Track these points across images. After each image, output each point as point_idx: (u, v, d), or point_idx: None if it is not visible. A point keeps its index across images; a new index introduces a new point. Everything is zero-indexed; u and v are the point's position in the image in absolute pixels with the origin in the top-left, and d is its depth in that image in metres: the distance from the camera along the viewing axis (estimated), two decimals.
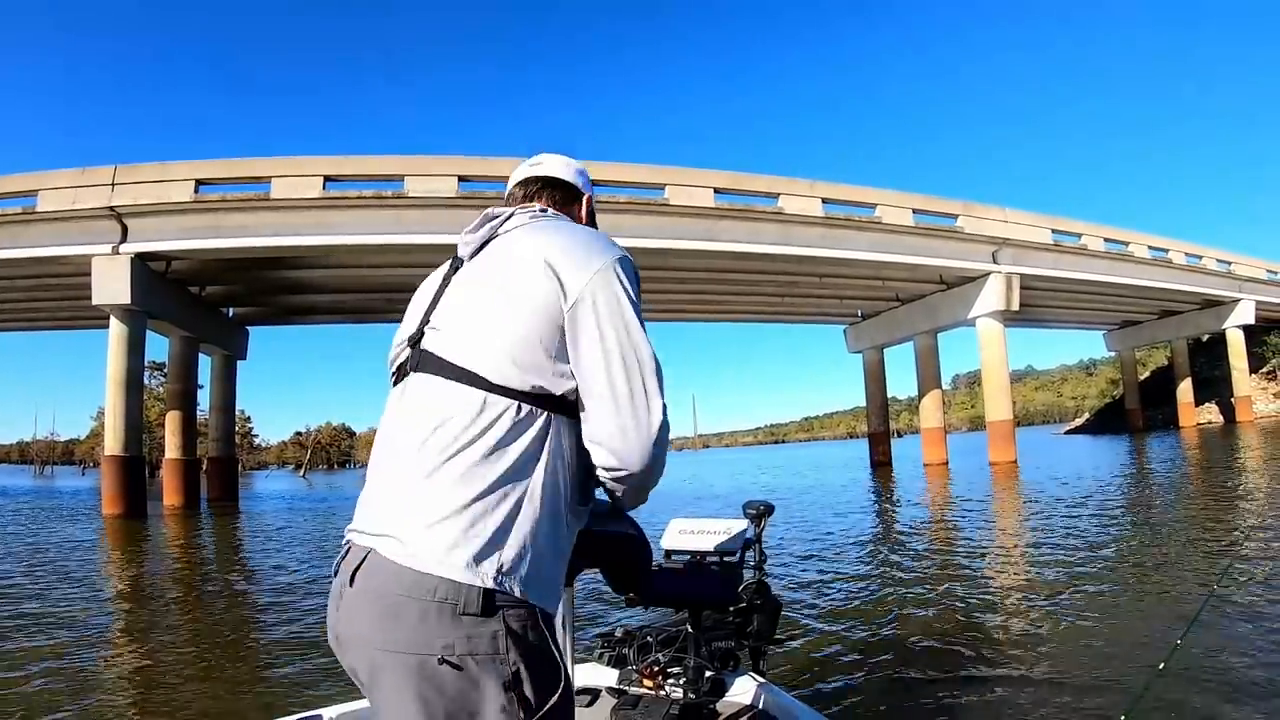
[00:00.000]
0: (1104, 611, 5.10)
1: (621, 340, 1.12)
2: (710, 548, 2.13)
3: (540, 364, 1.10)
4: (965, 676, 3.97)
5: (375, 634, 1.03)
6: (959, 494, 15.72)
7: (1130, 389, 46.31)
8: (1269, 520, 8.68)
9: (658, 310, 30.49)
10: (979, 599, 5.82)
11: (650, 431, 1.12)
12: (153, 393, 41.00)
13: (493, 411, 1.08)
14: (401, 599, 1.02)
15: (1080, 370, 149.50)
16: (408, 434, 1.11)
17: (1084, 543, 7.99)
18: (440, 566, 1.01)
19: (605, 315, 1.12)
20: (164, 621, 6.68)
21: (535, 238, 1.19)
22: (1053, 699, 3.57)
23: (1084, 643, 4.42)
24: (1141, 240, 31.33)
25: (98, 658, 5.30)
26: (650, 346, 1.15)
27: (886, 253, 23.57)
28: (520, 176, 1.43)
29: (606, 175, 20.29)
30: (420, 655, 1.00)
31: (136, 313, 19.67)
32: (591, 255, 1.15)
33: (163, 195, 18.90)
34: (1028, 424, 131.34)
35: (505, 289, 1.13)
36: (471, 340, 1.12)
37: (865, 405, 32.79)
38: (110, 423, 19.87)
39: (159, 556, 11.79)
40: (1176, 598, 5.41)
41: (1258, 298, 37.89)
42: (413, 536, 1.04)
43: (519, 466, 1.07)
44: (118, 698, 4.34)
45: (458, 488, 1.04)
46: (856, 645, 4.66)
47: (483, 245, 1.25)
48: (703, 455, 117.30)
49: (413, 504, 1.06)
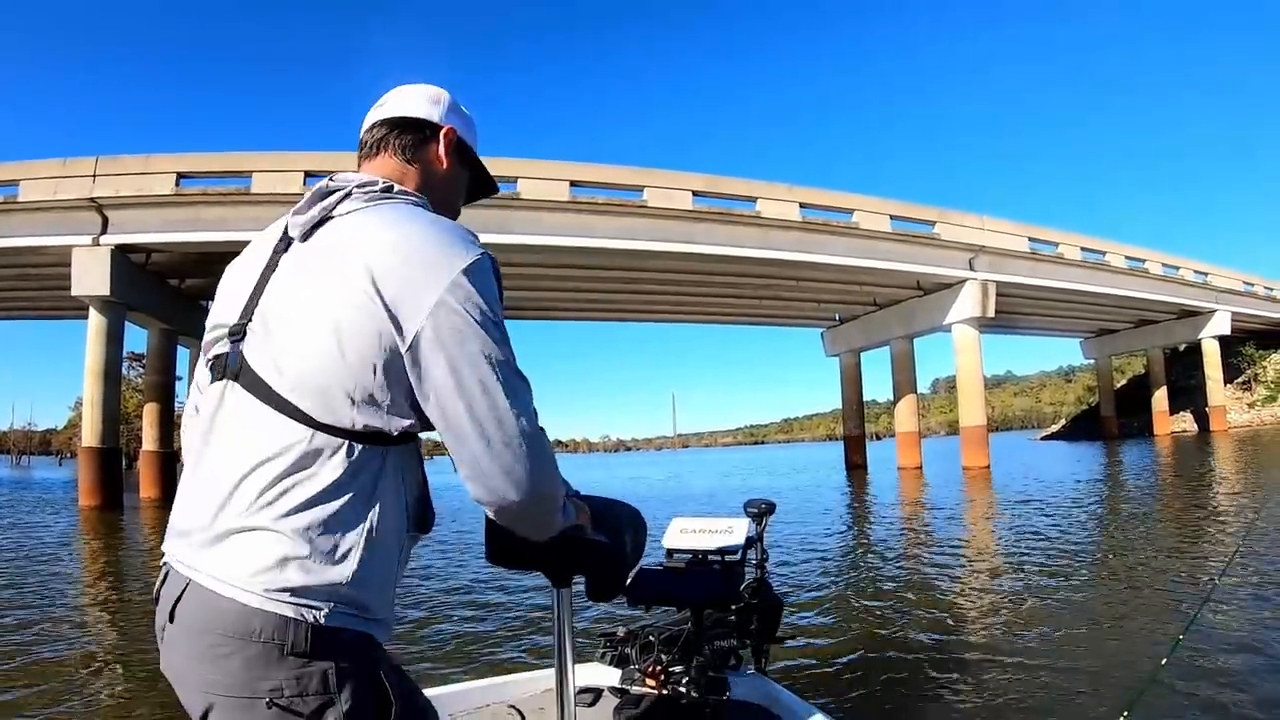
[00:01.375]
0: (1102, 612, 5.19)
1: (475, 370, 0.98)
2: (712, 547, 2.15)
3: (375, 400, 0.99)
4: (965, 674, 4.01)
5: (200, 676, 0.95)
6: (936, 498, 15.96)
7: (1106, 396, 46.92)
8: (1235, 528, 8.88)
9: (635, 311, 30.66)
10: (977, 599, 5.91)
11: (514, 453, 0.99)
12: (131, 384, 40.65)
13: (322, 452, 0.98)
14: (224, 639, 0.94)
15: (1059, 377, 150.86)
16: (226, 461, 1.00)
17: (1063, 545, 8.23)
18: (267, 603, 0.93)
19: (452, 349, 0.97)
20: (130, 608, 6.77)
21: (367, 239, 1.01)
22: (1052, 696, 3.62)
23: (1082, 642, 4.47)
24: (1119, 250, 31.73)
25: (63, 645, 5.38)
26: (506, 359, 1.01)
27: (863, 258, 23.79)
28: (366, 123, 1.24)
29: (586, 176, 20.51)
30: (247, 699, 0.93)
31: (116, 304, 19.67)
32: (429, 273, 0.98)
33: (144, 187, 18.93)
34: (1006, 429, 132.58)
35: (334, 309, 0.98)
36: (298, 366, 0.99)
37: (841, 409, 33.11)
38: (88, 414, 19.86)
39: (131, 547, 11.88)
40: (1161, 607, 5.42)
41: (1233, 309, 38.48)
42: (234, 573, 0.95)
43: (351, 505, 0.98)
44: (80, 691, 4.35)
45: (282, 523, 0.95)
46: (858, 643, 4.68)
47: (315, 227, 1.07)
48: (682, 455, 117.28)
49: (234, 539, 0.96)
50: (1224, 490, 13.55)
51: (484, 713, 1.92)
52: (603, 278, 24.68)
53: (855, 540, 10.03)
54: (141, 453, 23.79)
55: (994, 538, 9.29)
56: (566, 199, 20.01)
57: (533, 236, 19.72)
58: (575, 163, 20.58)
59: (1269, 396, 44.23)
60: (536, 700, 1.95)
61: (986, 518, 11.78)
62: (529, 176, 19.44)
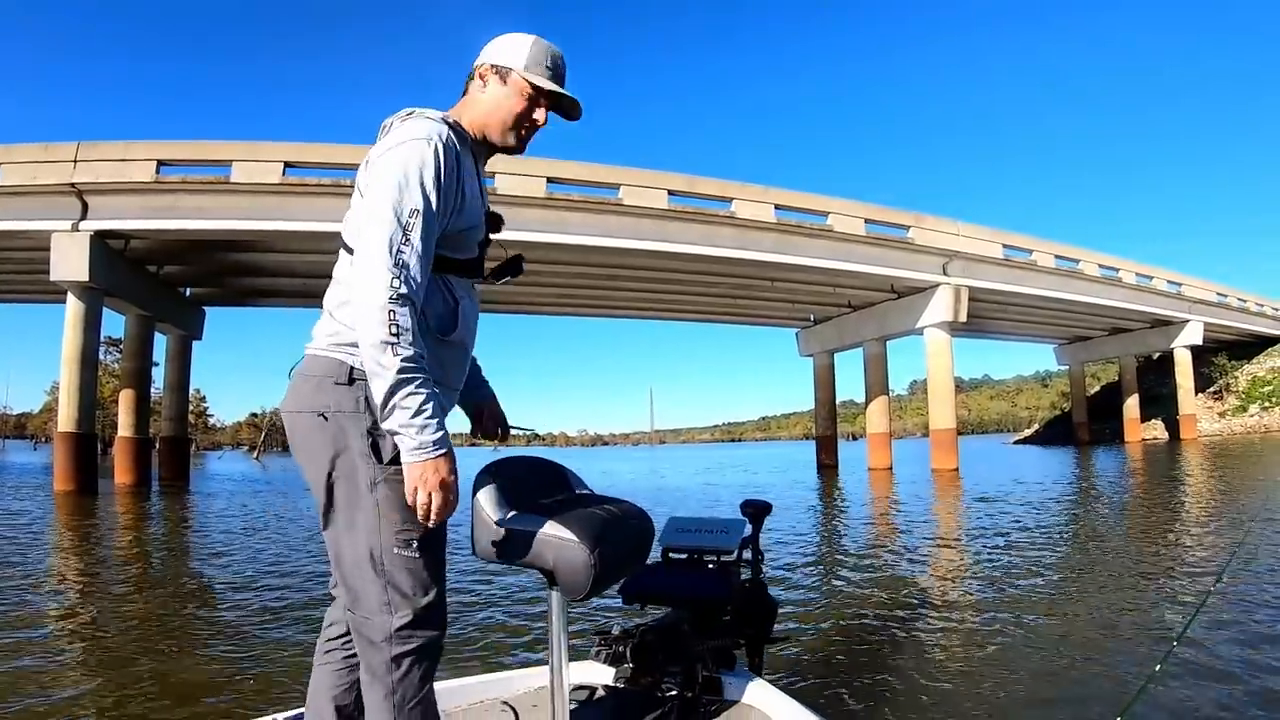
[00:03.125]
0: (1099, 613, 5.25)
1: (376, 189, 1.40)
2: (708, 546, 2.20)
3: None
4: (961, 674, 4.04)
5: (288, 402, 1.51)
6: (905, 499, 16.17)
7: (1078, 403, 47.63)
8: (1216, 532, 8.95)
9: (612, 307, 30.89)
10: (975, 600, 5.97)
11: (372, 262, 1.35)
12: (108, 368, 40.38)
13: (349, 263, 1.47)
14: (301, 376, 1.51)
15: (1036, 381, 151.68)
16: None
17: (1047, 547, 8.37)
18: (323, 353, 1.49)
19: (374, 173, 1.42)
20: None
21: (380, 139, 1.51)
22: (1049, 696, 3.64)
23: (1080, 642, 4.50)
24: (1092, 259, 32.12)
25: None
26: (404, 196, 1.38)
27: (838, 260, 24.12)
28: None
29: (563, 173, 20.69)
30: (310, 413, 1.46)
31: (94, 290, 19.70)
32: (392, 143, 1.43)
33: (124, 174, 18.97)
34: (982, 432, 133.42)
35: (360, 178, 1.49)
36: (353, 218, 1.50)
37: (814, 409, 33.47)
38: (64, 399, 19.87)
39: (105, 536, 12.00)
40: (1157, 609, 5.46)
41: (1206, 319, 39.02)
42: (315, 339, 1.52)
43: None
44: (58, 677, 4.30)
45: (334, 310, 1.51)
46: (853, 644, 4.68)
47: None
48: (659, 451, 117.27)
49: (319, 323, 1.54)
50: (1191, 497, 13.66)
51: (477, 709, 1.95)
52: (579, 274, 24.91)
53: (842, 540, 10.02)
54: (117, 439, 23.82)
55: (983, 540, 9.19)
56: (543, 195, 20.24)
57: (510, 232, 19.61)
58: (552, 159, 20.71)
59: (1240, 407, 44.95)
60: (530, 698, 1.99)
61: (958, 519, 11.81)
62: (506, 172, 19.59)
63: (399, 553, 1.41)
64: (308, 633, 4.90)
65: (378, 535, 1.41)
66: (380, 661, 1.40)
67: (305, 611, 5.71)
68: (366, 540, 1.41)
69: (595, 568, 1.45)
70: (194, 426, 56.87)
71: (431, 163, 1.40)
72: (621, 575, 1.75)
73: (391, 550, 1.40)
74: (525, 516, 1.52)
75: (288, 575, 7.49)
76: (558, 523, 1.48)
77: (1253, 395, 45.15)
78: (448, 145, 1.44)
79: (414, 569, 1.42)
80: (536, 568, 1.50)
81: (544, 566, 1.49)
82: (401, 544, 1.41)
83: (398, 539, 1.41)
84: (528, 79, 1.55)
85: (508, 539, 1.51)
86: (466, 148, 1.55)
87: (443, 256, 1.49)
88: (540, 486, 1.70)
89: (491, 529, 1.52)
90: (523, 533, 1.49)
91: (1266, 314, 45.73)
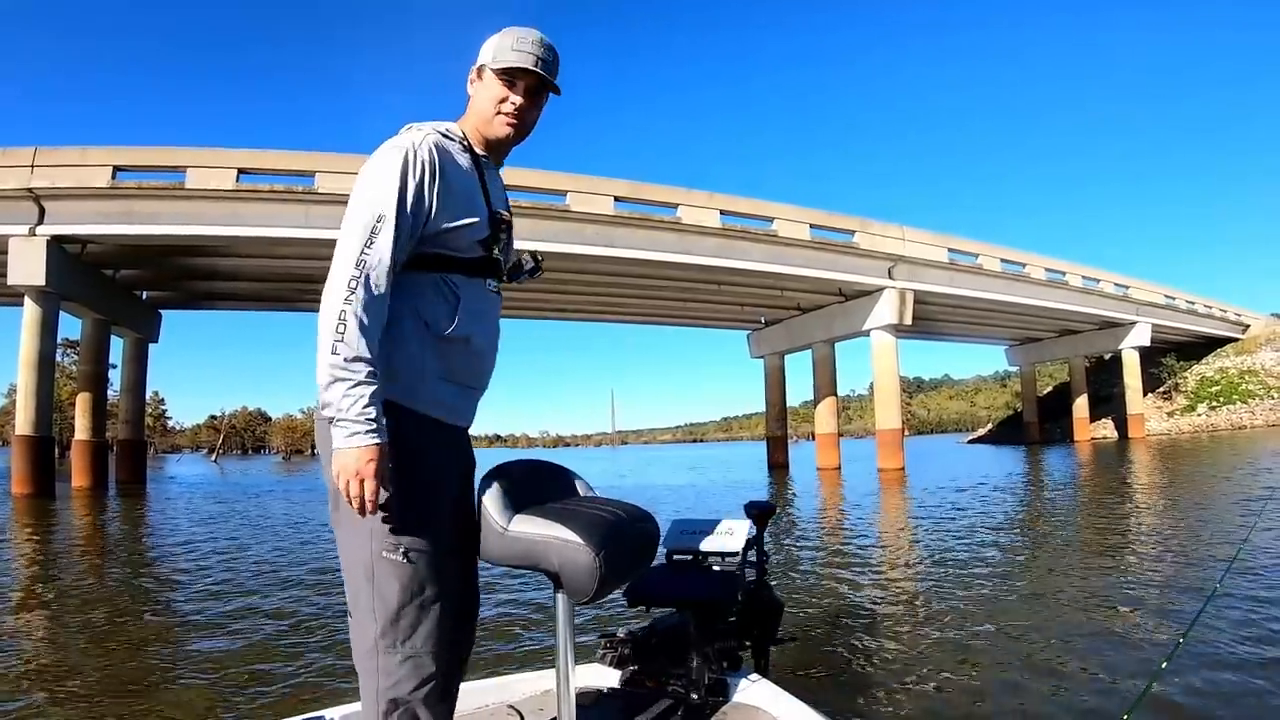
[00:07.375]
0: (1098, 614, 5.27)
1: (350, 198, 1.45)
2: (712, 548, 2.20)
3: None
4: (964, 675, 4.04)
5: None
6: (853, 496, 16.53)
7: (1029, 402, 49.04)
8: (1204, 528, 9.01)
9: (565, 310, 31.37)
10: (973, 600, 5.96)
11: (329, 284, 1.39)
12: (65, 370, 39.85)
13: None
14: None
15: (995, 381, 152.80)
16: None
17: (1042, 544, 8.59)
18: None
19: (354, 184, 1.46)
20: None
21: None
22: (1052, 697, 3.63)
23: (1081, 643, 4.51)
24: (1039, 262, 33.05)
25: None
26: (370, 203, 1.42)
27: (783, 265, 24.74)
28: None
29: (511, 181, 21.18)
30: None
31: (51, 295, 19.86)
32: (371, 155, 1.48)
33: (81, 179, 19.19)
34: (942, 431, 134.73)
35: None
36: None
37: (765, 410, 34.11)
38: (21, 403, 20.00)
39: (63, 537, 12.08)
40: (1159, 609, 5.42)
41: (1154, 321, 40.15)
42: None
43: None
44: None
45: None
46: (859, 646, 4.68)
47: None
48: (620, 451, 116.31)
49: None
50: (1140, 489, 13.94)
51: (483, 713, 1.94)
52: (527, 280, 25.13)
53: (833, 541, 9.78)
54: (74, 442, 23.87)
55: (965, 540, 8.99)
56: None
57: None
58: (505, 167, 21.10)
59: (1188, 406, 46.34)
60: (536, 701, 1.99)
61: (907, 519, 11.82)
62: None
63: (388, 557, 1.43)
64: (250, 639, 5.20)
65: (369, 540, 1.44)
66: (367, 669, 1.45)
67: (250, 620, 5.79)
68: (361, 543, 1.45)
69: (601, 570, 1.45)
70: (152, 429, 56.23)
71: (398, 168, 1.44)
72: (627, 578, 1.73)
73: (381, 555, 1.43)
74: (530, 519, 1.53)
75: (232, 579, 7.60)
76: (563, 525, 1.48)
77: (1201, 395, 46.60)
78: (427, 150, 1.48)
79: (402, 578, 1.43)
80: (542, 570, 1.51)
81: (549, 569, 1.49)
82: (390, 548, 1.43)
83: (388, 544, 1.43)
84: (494, 68, 1.60)
85: (513, 541, 1.52)
86: (465, 150, 1.61)
87: (443, 255, 1.52)
88: (545, 489, 1.70)
89: (497, 531, 1.53)
90: (528, 535, 1.50)
91: (1215, 316, 47.33)
